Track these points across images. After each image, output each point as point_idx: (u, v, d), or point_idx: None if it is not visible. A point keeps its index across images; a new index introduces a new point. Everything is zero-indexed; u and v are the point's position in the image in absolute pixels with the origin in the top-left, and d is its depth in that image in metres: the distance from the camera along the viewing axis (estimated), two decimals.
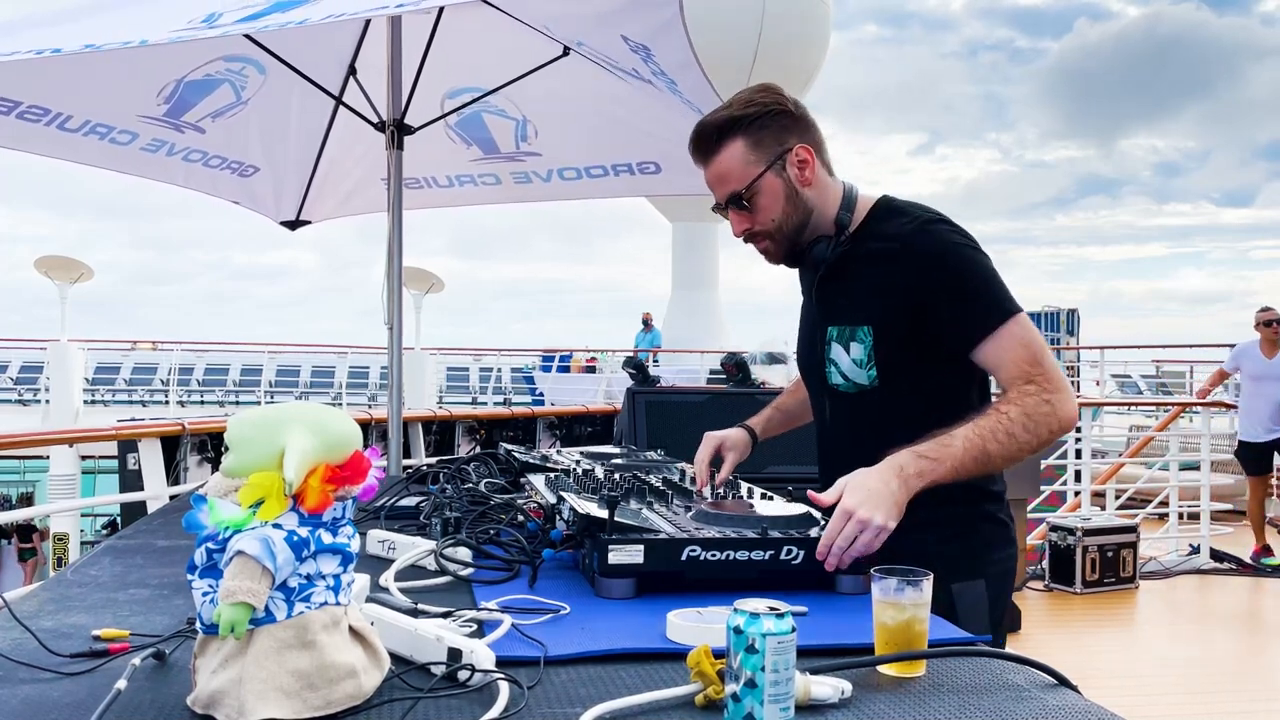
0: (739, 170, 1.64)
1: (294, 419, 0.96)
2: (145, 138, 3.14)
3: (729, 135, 1.64)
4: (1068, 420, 1.52)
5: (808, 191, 1.65)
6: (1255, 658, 5.09)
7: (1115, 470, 8.04)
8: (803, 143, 1.64)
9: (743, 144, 1.63)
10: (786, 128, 1.64)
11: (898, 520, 1.39)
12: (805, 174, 1.64)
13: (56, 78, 2.77)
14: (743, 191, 1.64)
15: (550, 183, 3.69)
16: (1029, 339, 1.55)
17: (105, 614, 1.30)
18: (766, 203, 1.64)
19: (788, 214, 1.65)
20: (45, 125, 2.85)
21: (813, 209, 1.66)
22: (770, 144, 1.63)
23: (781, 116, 1.64)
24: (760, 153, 1.63)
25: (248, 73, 3.15)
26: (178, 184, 3.46)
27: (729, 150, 1.64)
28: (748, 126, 1.63)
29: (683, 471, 2.04)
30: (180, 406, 16.84)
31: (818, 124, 1.68)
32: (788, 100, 1.66)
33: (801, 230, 1.67)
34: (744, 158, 1.63)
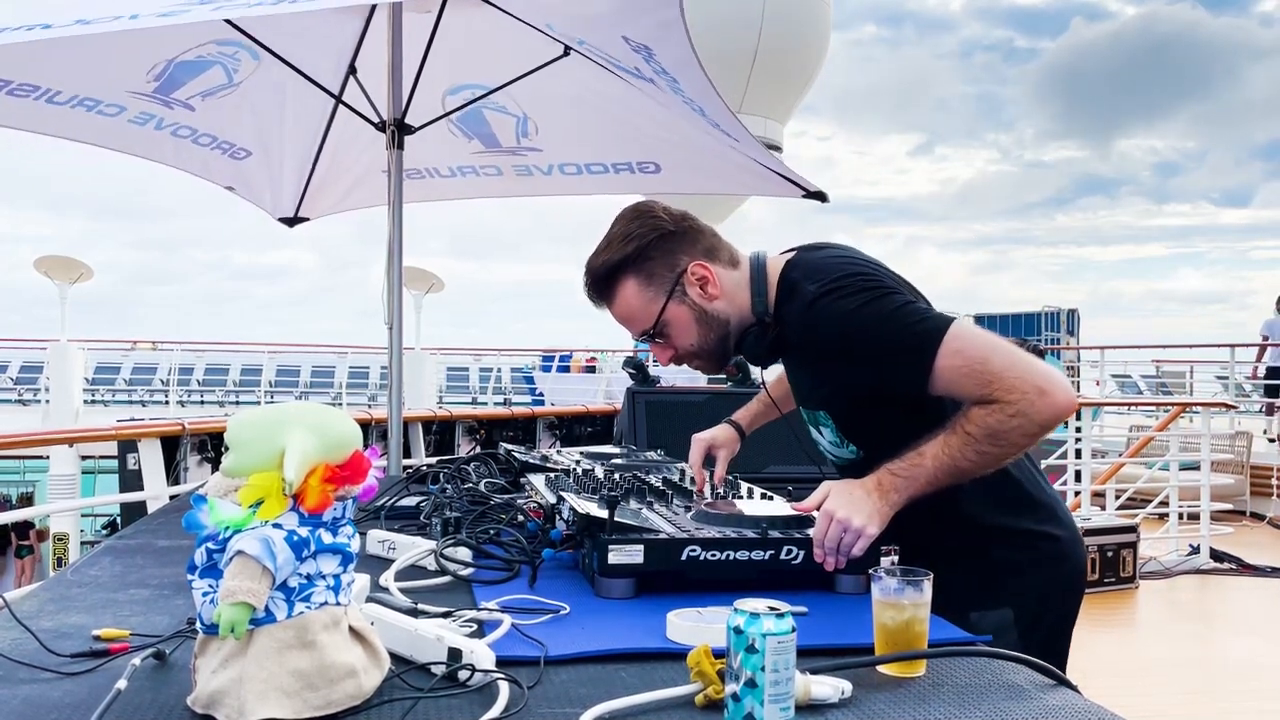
0: (640, 310, 1.59)
1: (294, 419, 0.96)
2: (133, 110, 3.12)
3: (618, 277, 1.58)
4: (1047, 420, 1.39)
5: (717, 305, 1.58)
6: (1255, 658, 5.09)
7: (1115, 470, 8.03)
8: (695, 259, 1.57)
9: (634, 283, 1.57)
10: (673, 250, 1.57)
11: (880, 527, 1.37)
12: (709, 290, 1.57)
13: (47, 57, 2.77)
14: (651, 329, 1.59)
15: (551, 176, 3.69)
16: (967, 364, 1.41)
17: (105, 614, 1.30)
18: (678, 332, 1.59)
19: (704, 335, 1.59)
20: (34, 100, 2.85)
21: (728, 318, 1.59)
22: (662, 274, 1.56)
23: (664, 241, 1.56)
24: (654, 287, 1.57)
25: (240, 56, 3.13)
26: (167, 162, 3.43)
27: (623, 292, 1.58)
28: (634, 263, 1.57)
29: (682, 471, 2.04)
30: (180, 406, 16.83)
31: (701, 224, 1.60)
32: (664, 219, 1.57)
33: (724, 341, 1.61)
34: (640, 296, 1.57)
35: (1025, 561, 1.59)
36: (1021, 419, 1.38)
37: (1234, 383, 12.15)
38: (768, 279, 1.58)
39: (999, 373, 1.39)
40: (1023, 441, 1.41)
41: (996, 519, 1.58)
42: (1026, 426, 1.38)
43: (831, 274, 1.51)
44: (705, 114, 2.76)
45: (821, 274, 1.52)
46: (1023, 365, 1.40)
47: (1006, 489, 1.58)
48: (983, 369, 1.40)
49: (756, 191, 3.52)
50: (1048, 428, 1.40)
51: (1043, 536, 1.60)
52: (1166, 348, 15.32)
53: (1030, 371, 1.39)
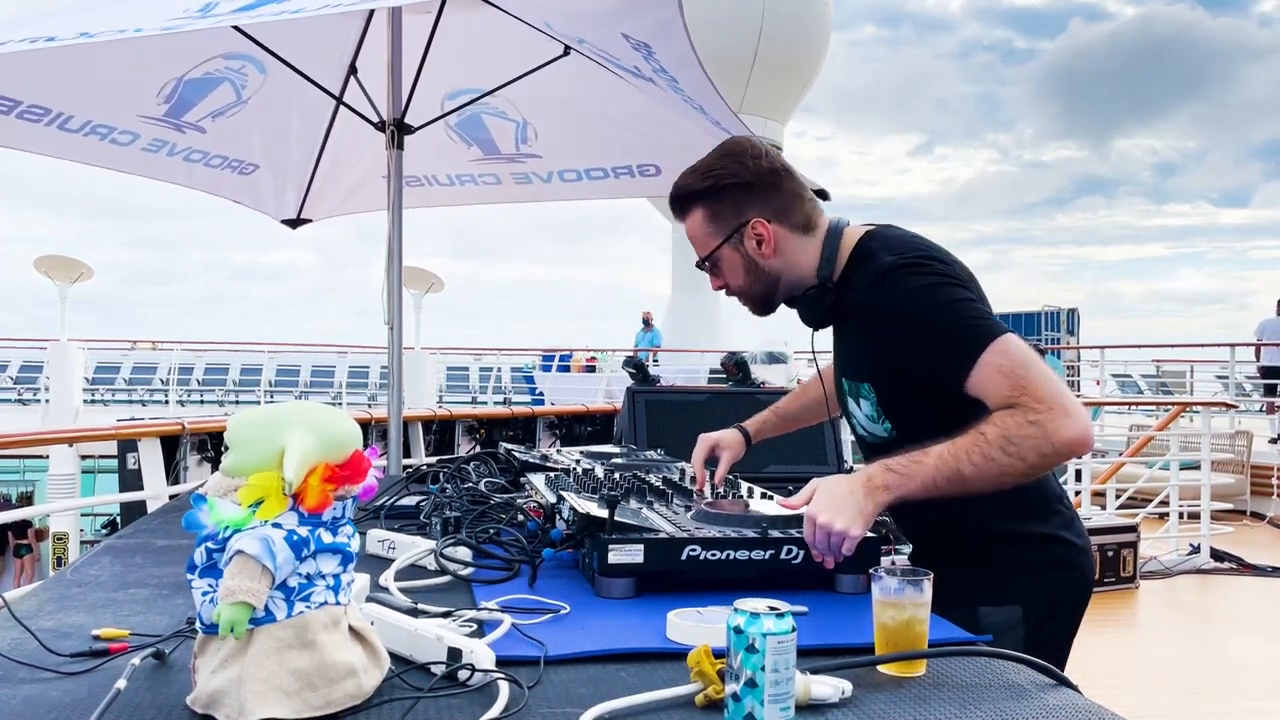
0: (701, 238, 1.66)
1: (294, 419, 0.96)
2: (146, 138, 3.14)
3: (691, 205, 1.66)
4: (1063, 442, 1.38)
5: (770, 261, 1.63)
6: (1255, 658, 5.09)
7: (1115, 470, 8.03)
8: (762, 215, 1.61)
9: (702, 215, 1.65)
10: (744, 200, 1.61)
11: (864, 527, 1.38)
12: (764, 248, 1.62)
13: (56, 76, 2.77)
14: (706, 261, 1.67)
15: (550, 183, 3.69)
16: (1010, 365, 1.43)
17: (105, 614, 1.30)
18: (727, 270, 1.66)
19: (750, 282, 1.66)
20: (46, 125, 2.85)
21: (778, 275, 1.64)
22: (727, 218, 1.63)
23: (738, 190, 1.61)
24: (717, 225, 1.64)
25: (247, 71, 3.15)
26: (179, 183, 3.47)
27: (693, 217, 1.66)
28: (705, 199, 1.64)
29: (683, 471, 2.04)
30: (180, 406, 16.83)
31: (785, 182, 1.63)
32: (748, 168, 1.62)
33: (770, 293, 1.67)
34: (703, 228, 1.65)
35: (1038, 564, 1.60)
36: (1039, 430, 1.38)
37: (1234, 382, 12.15)
38: (840, 247, 1.63)
39: (1034, 381, 1.41)
40: (1032, 458, 1.39)
41: (1014, 523, 1.60)
42: (1041, 442, 1.38)
43: (910, 251, 1.55)
44: (706, 113, 2.76)
45: (901, 249, 1.56)
46: (1058, 386, 1.42)
47: (1029, 493, 1.59)
48: (1022, 373, 1.42)
49: None
50: (1060, 451, 1.39)
51: (1057, 541, 1.62)
52: (1166, 347, 15.33)
53: (1063, 394, 1.41)
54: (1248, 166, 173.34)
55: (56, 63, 2.70)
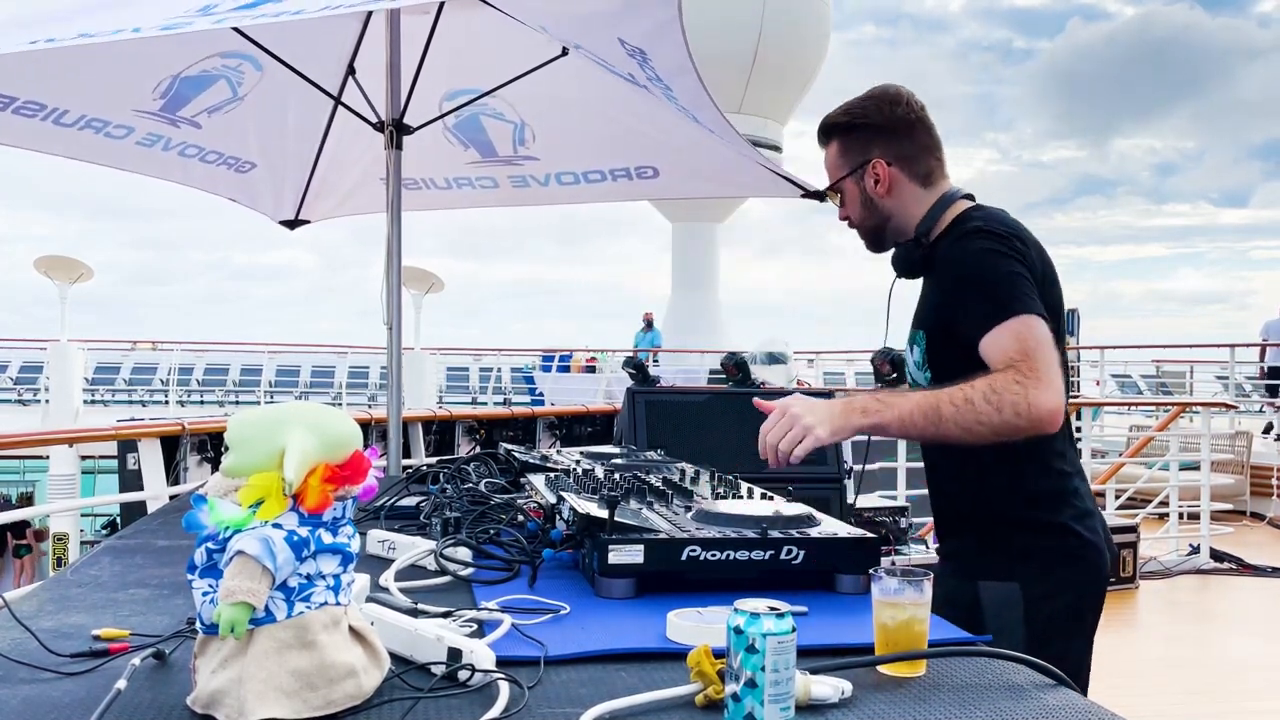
0: (832, 168, 1.83)
1: (294, 419, 0.96)
2: (141, 132, 3.13)
3: (830, 137, 1.83)
4: (1039, 409, 1.47)
5: (885, 200, 1.77)
6: (1255, 658, 5.09)
7: (1115, 470, 8.04)
8: (884, 157, 1.75)
9: (837, 147, 1.81)
10: (872, 141, 1.76)
11: (830, 435, 1.51)
12: (879, 186, 1.76)
13: (52, 73, 2.77)
14: (831, 188, 1.85)
15: (548, 187, 3.69)
16: (1025, 334, 1.52)
17: (105, 614, 1.30)
18: (849, 201, 1.82)
19: (865, 216, 1.81)
20: (41, 120, 2.85)
21: (889, 215, 1.78)
22: (855, 153, 1.78)
23: (869, 130, 1.77)
24: (846, 159, 1.80)
25: (244, 69, 3.14)
26: (175, 180, 3.46)
27: (830, 149, 1.83)
28: (842, 133, 1.81)
29: (683, 471, 2.04)
30: (180, 406, 16.83)
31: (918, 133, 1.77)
32: (886, 114, 1.76)
33: (880, 230, 1.81)
34: (835, 159, 1.82)
35: (1044, 549, 1.66)
36: (1022, 391, 1.47)
37: (1234, 383, 12.15)
38: (945, 211, 1.75)
39: (1038, 354, 1.51)
40: (1008, 413, 1.47)
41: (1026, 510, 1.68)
42: (1019, 401, 1.47)
43: (997, 225, 1.66)
44: (700, 121, 2.76)
45: (991, 221, 1.68)
46: (1055, 368, 1.52)
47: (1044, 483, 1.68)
48: (1032, 345, 1.52)
49: (756, 193, 3.52)
50: (1033, 417, 1.48)
51: (1068, 532, 1.67)
52: (1166, 347, 15.33)
53: (1056, 375, 1.51)
54: (1247, 166, 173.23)
55: (52, 60, 2.69)
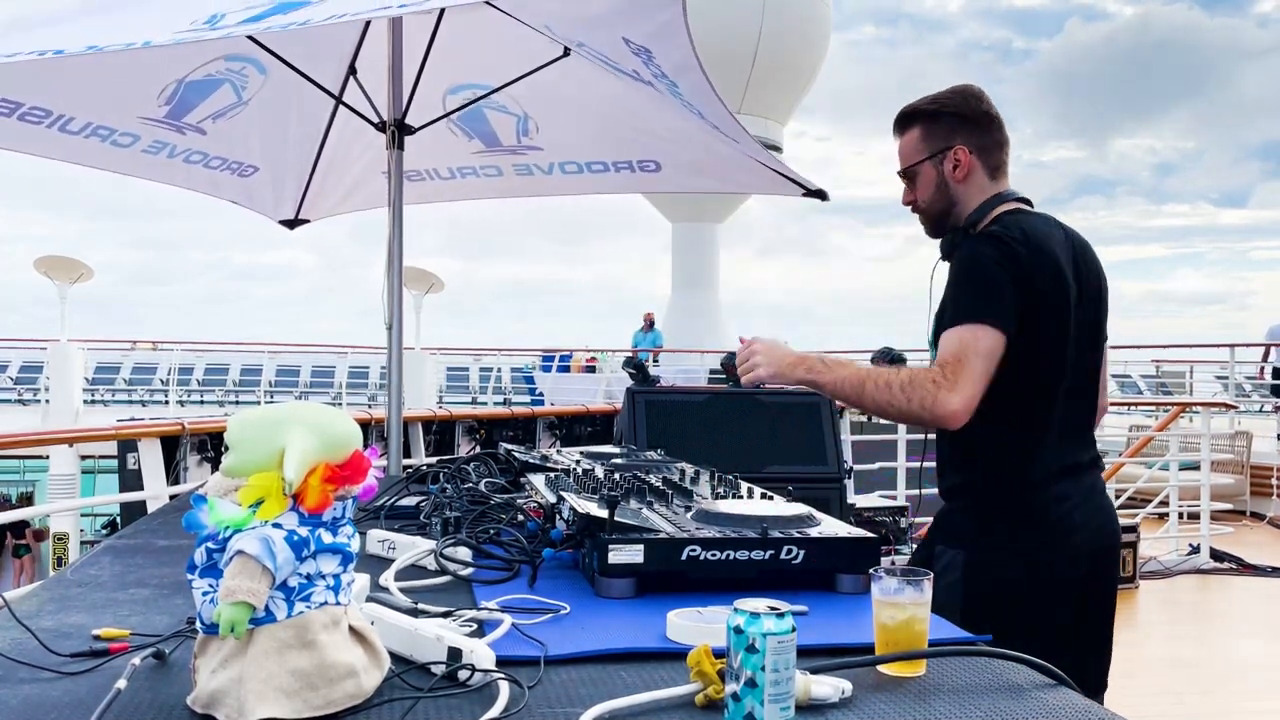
0: (909, 152, 1.92)
1: (294, 419, 0.96)
2: (146, 139, 3.14)
3: (912, 122, 1.92)
4: (941, 410, 1.67)
5: (958, 186, 1.89)
6: (1255, 658, 5.09)
7: (1115, 470, 8.03)
8: (966, 145, 1.87)
9: (920, 131, 1.91)
10: (956, 129, 1.88)
11: (769, 374, 1.81)
12: (957, 172, 1.88)
13: (58, 79, 2.78)
14: (906, 170, 1.93)
15: (551, 175, 3.69)
16: (965, 341, 1.70)
17: (105, 614, 1.30)
18: (922, 184, 1.92)
19: (935, 199, 1.91)
20: (47, 127, 2.85)
21: (957, 201, 1.89)
22: (938, 139, 1.89)
23: (954, 119, 1.88)
24: (927, 144, 1.90)
25: (248, 72, 3.15)
26: (179, 185, 3.47)
27: (910, 134, 1.93)
28: (926, 119, 1.91)
29: (682, 471, 2.04)
30: (180, 406, 16.82)
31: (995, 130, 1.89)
32: (971, 106, 1.89)
33: (945, 215, 1.91)
34: (916, 144, 1.92)
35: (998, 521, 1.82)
36: (933, 391, 1.67)
37: (1234, 383, 12.14)
38: (995, 209, 1.87)
39: (964, 365, 1.68)
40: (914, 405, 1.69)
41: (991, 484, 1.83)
42: (926, 398, 1.68)
43: (1011, 229, 1.79)
44: (705, 117, 2.76)
45: (1010, 227, 1.79)
46: (975, 380, 1.69)
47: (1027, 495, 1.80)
48: (964, 355, 1.69)
49: (757, 190, 3.52)
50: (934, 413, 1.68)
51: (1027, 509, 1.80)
52: (1167, 348, 15.32)
53: (971, 385, 1.68)
54: (1246, 166, 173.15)
55: (58, 66, 2.70)
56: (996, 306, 1.70)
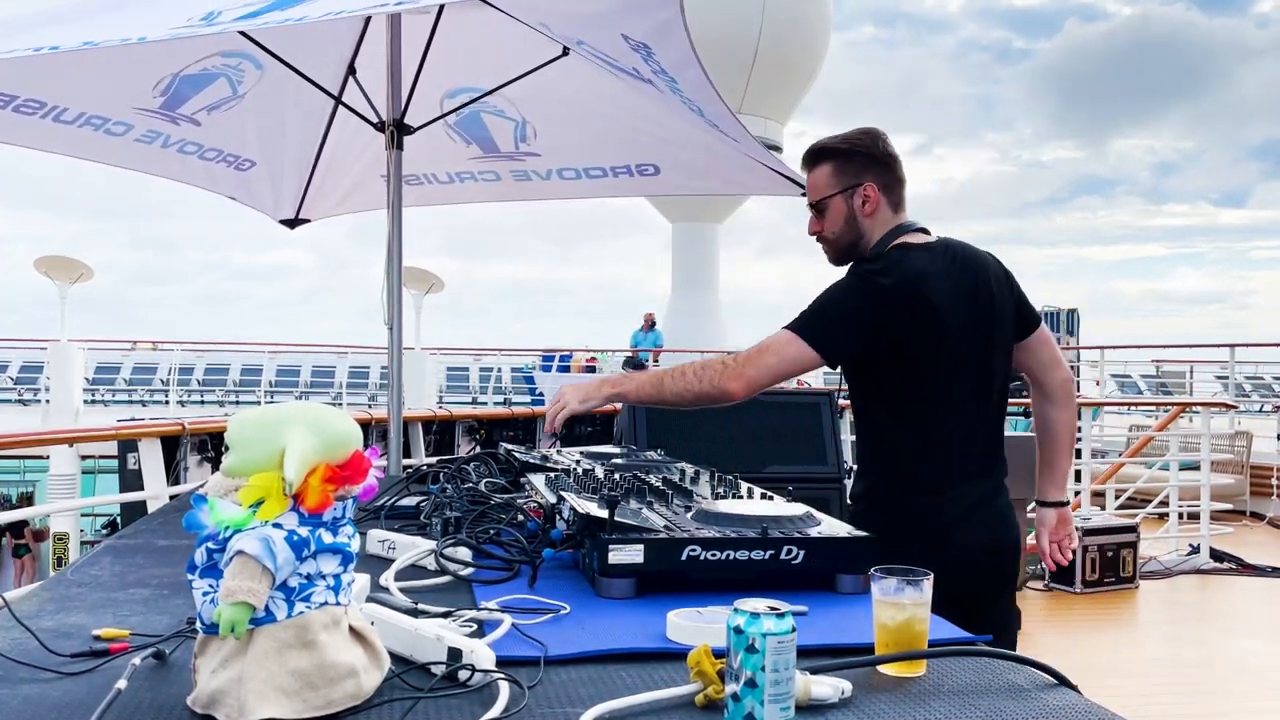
0: (822, 186, 2.05)
1: (294, 419, 0.96)
2: (140, 128, 3.13)
3: (824, 159, 2.05)
4: (724, 389, 1.92)
5: (865, 220, 2.02)
6: (1255, 658, 5.09)
7: (1115, 470, 8.04)
8: (874, 182, 2.01)
9: (831, 168, 2.04)
10: (865, 167, 2.02)
11: (579, 403, 2.01)
12: (866, 207, 2.01)
13: (53, 72, 2.78)
14: (818, 202, 2.06)
15: (550, 181, 3.69)
16: (770, 342, 1.94)
17: (105, 614, 1.30)
18: (831, 217, 2.04)
19: (844, 232, 2.04)
20: (40, 118, 2.85)
21: (864, 234, 2.03)
22: (850, 175, 2.02)
23: (864, 158, 2.02)
24: (839, 179, 2.03)
25: (244, 68, 3.15)
26: (173, 177, 3.46)
27: (822, 168, 2.05)
28: (839, 157, 2.04)
29: (683, 471, 2.04)
30: (180, 406, 16.83)
31: (899, 171, 2.05)
32: (879, 147, 2.03)
33: (852, 247, 2.04)
34: (828, 179, 2.04)
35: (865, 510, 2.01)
36: (720, 372, 1.93)
37: (1234, 383, 12.15)
38: (894, 240, 2.01)
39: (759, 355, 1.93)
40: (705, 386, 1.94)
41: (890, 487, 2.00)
42: (715, 378, 1.93)
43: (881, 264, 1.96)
44: (704, 114, 2.75)
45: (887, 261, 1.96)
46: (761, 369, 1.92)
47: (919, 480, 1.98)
48: (764, 350, 1.93)
49: (756, 191, 3.52)
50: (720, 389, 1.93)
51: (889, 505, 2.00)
52: (1167, 348, 15.32)
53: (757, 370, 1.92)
54: (1245, 166, 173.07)
55: (53, 59, 2.70)
56: (816, 325, 1.93)
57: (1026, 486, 2.32)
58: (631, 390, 2.02)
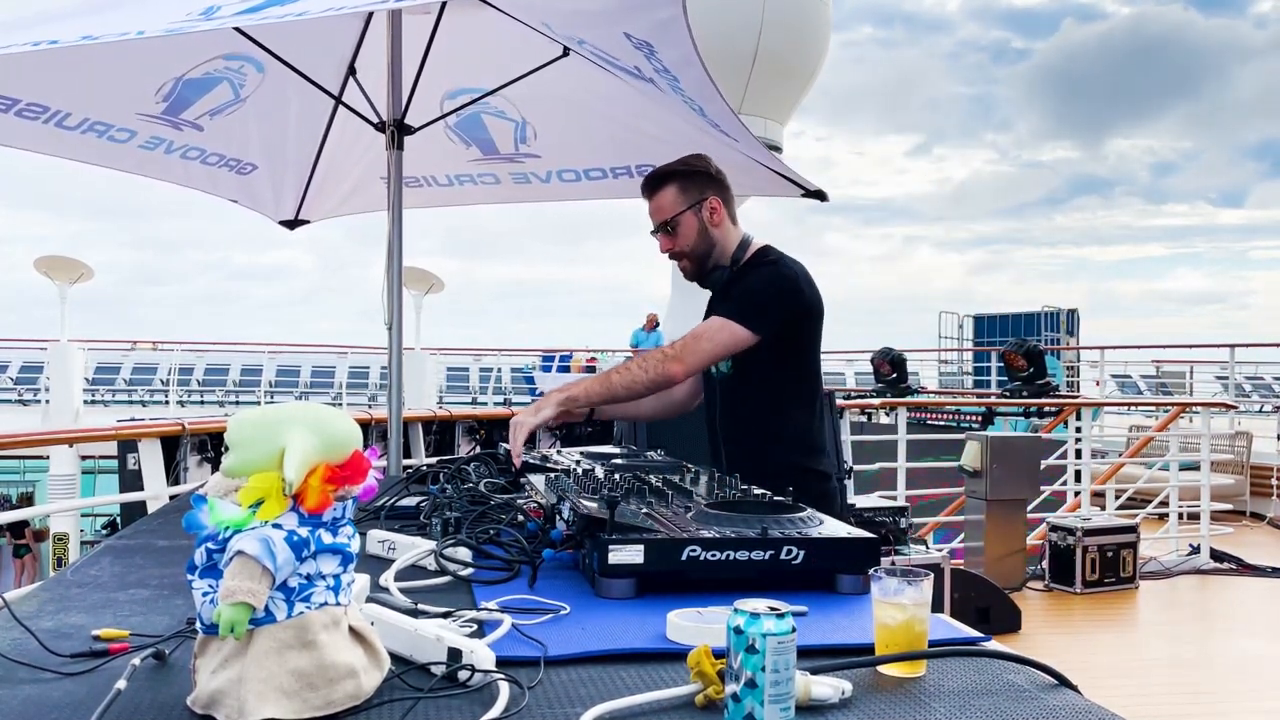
0: (669, 206, 2.28)
1: (294, 419, 0.96)
2: (143, 135, 3.14)
3: (667, 181, 2.28)
4: (665, 373, 2.11)
5: (714, 230, 2.28)
6: (1255, 658, 5.09)
7: (1115, 470, 8.04)
8: (716, 196, 2.27)
9: (675, 188, 2.28)
10: (706, 184, 2.28)
11: (534, 420, 2.05)
12: (714, 218, 2.28)
13: (55, 74, 2.77)
14: (669, 221, 2.28)
15: (549, 183, 3.69)
16: (711, 332, 2.16)
17: (105, 614, 1.30)
18: (685, 232, 2.28)
19: (699, 243, 2.29)
20: (43, 123, 2.85)
21: (715, 244, 2.29)
22: (694, 192, 2.27)
23: (703, 176, 2.28)
24: (686, 196, 2.27)
25: (246, 71, 3.15)
26: (176, 182, 3.46)
27: (666, 191, 2.28)
28: (680, 178, 2.28)
29: (683, 471, 2.04)
30: (180, 406, 16.84)
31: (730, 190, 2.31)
32: (711, 166, 2.31)
33: (707, 256, 2.30)
34: (675, 199, 2.28)
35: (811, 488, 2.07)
36: (662, 361, 2.12)
37: (1234, 383, 12.15)
38: (749, 248, 2.31)
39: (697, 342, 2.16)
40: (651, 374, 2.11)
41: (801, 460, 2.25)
42: (659, 366, 2.11)
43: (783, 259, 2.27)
44: (705, 113, 2.75)
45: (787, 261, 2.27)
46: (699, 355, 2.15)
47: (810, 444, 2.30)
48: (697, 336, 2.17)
49: (756, 192, 3.51)
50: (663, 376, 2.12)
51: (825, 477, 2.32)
52: (1166, 348, 15.33)
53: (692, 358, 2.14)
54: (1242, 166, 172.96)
55: (55, 61, 2.70)
56: (754, 313, 2.16)
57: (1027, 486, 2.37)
58: (580, 393, 2.12)
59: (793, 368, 2.27)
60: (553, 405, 2.09)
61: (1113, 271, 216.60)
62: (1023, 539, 6.24)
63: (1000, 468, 6.05)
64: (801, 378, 2.29)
